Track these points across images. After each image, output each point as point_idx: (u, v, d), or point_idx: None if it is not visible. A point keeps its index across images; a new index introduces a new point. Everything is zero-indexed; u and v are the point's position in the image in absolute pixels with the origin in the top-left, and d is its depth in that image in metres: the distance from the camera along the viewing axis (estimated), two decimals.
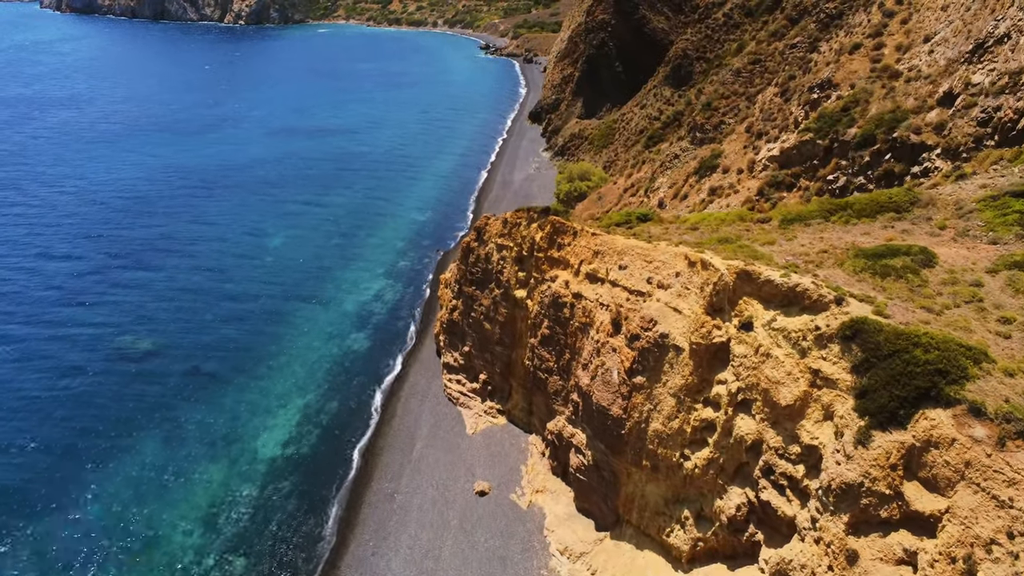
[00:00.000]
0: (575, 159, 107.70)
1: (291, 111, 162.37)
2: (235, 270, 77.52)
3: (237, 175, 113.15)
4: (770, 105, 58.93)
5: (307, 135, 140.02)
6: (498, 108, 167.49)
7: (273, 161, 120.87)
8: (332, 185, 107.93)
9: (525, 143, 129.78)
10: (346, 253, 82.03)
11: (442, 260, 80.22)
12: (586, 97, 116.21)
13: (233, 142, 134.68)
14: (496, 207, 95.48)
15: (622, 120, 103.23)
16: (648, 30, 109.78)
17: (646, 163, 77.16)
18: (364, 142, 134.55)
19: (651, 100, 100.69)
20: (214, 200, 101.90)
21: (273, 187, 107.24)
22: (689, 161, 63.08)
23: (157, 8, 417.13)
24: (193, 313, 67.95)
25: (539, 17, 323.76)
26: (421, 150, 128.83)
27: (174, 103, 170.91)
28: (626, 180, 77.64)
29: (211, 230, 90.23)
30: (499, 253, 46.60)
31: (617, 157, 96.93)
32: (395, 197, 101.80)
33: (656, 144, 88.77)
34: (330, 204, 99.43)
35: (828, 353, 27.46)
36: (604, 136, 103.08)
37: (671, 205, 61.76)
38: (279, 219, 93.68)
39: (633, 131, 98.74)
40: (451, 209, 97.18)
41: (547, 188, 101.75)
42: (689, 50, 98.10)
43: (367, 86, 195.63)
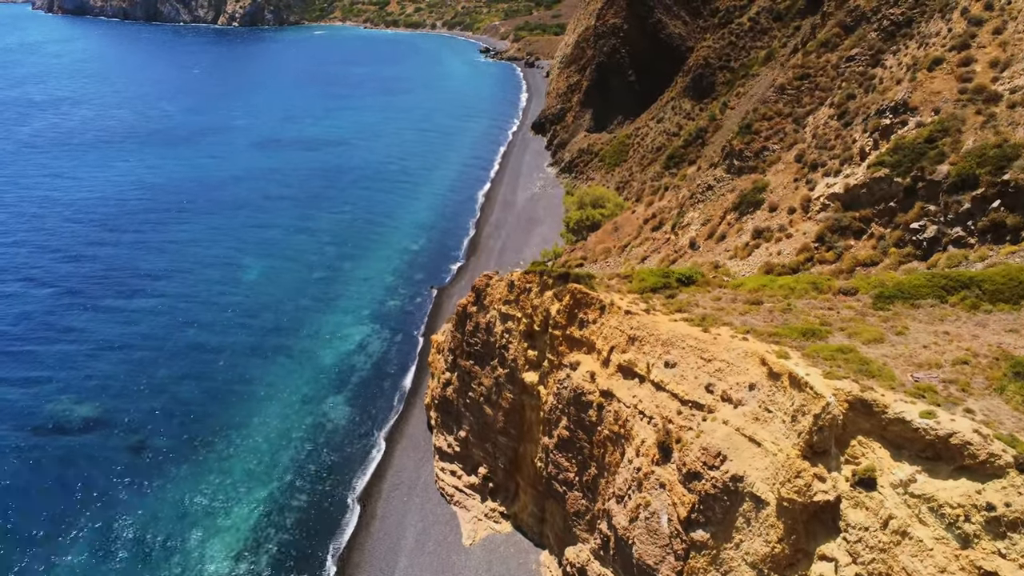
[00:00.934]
0: (584, 177, 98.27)
1: (279, 119, 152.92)
2: (202, 311, 68.02)
3: (215, 194, 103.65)
4: (825, 130, 49.45)
5: (295, 147, 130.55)
6: (499, 117, 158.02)
7: (256, 177, 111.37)
8: (318, 206, 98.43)
9: (528, 157, 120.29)
10: (329, 290, 72.51)
11: (438, 298, 70.76)
12: (595, 108, 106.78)
13: (214, 155, 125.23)
14: (497, 234, 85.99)
15: (636, 135, 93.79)
16: (664, 36, 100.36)
17: (669, 189, 67.66)
18: (356, 155, 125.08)
19: (668, 113, 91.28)
20: (188, 223, 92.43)
21: (254, 208, 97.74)
22: (726, 193, 53.66)
23: (149, 10, 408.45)
24: (147, 367, 58.44)
25: (540, 19, 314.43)
26: (417, 164, 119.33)
27: (157, 110, 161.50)
28: (646, 209, 68.16)
29: (180, 260, 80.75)
30: (503, 324, 37.10)
31: (632, 177, 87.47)
32: (387, 220, 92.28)
33: (678, 165, 79.34)
34: (315, 228, 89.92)
35: (1011, 548, 18.07)
36: (617, 153, 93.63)
37: (705, 246, 52.29)
38: (257, 247, 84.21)
39: (649, 148, 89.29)
40: (448, 235, 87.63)
41: (554, 210, 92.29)
42: (711, 58, 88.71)
43: (361, 92, 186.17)
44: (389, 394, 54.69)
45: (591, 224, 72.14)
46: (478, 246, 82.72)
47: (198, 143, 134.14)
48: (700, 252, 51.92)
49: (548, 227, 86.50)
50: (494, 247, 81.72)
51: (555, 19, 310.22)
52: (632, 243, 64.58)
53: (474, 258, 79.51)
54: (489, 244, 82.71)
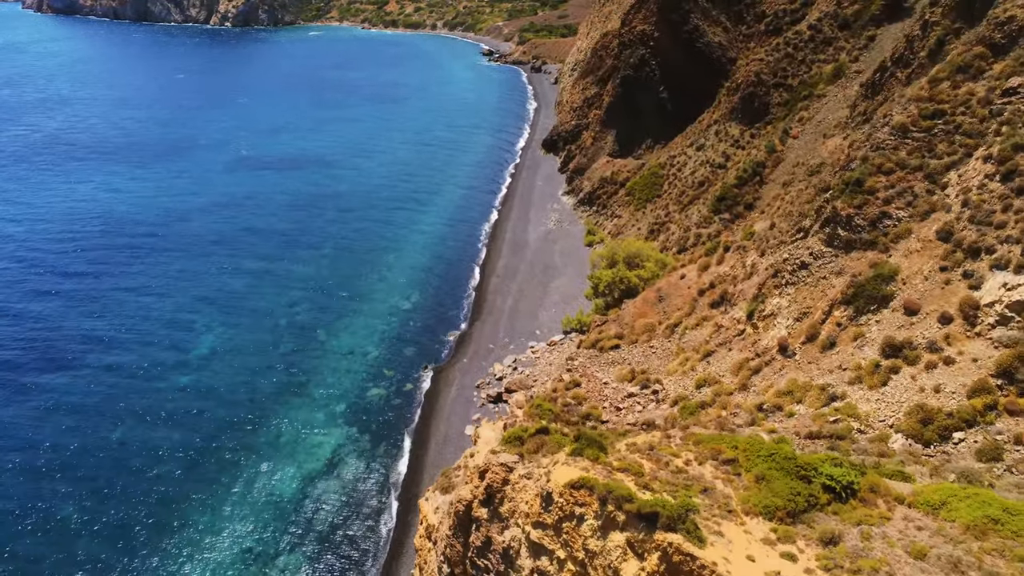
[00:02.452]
0: (608, 213, 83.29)
1: (263, 133, 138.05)
2: (133, 402, 53.29)
3: (180, 227, 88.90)
4: (984, 196, 34.54)
5: (277, 167, 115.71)
6: (505, 130, 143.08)
7: (228, 205, 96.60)
8: (297, 245, 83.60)
9: (540, 181, 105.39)
10: (297, 371, 57.70)
11: (433, 384, 55.88)
12: (620, 129, 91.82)
13: (187, 176, 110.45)
14: (506, 286, 71.06)
15: (671, 165, 78.80)
16: (701, 45, 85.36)
17: (730, 250, 52.64)
18: (344, 178, 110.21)
19: (712, 139, 76.32)
20: (142, 266, 77.78)
21: (221, 247, 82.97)
22: (828, 276, 38.83)
23: (140, 9, 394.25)
24: (41, 498, 43.72)
25: (546, 20, 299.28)
26: (413, 189, 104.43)
27: (132, 121, 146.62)
28: (700, 274, 53.19)
29: (122, 320, 66.10)
30: (533, 558, 22.24)
31: (669, 218, 72.51)
32: (374, 267, 77.39)
33: (731, 209, 64.42)
34: (289, 277, 75.11)
35: None
36: (648, 186, 78.66)
37: (804, 353, 37.39)
38: (217, 302, 69.46)
39: (689, 182, 74.34)
40: (447, 288, 72.71)
41: (574, 254, 77.43)
42: (764, 74, 73.75)
43: (355, 100, 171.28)
44: (361, 564, 39.68)
45: (626, 288, 57.25)
46: (483, 305, 67.87)
47: (171, 160, 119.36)
48: (798, 363, 37.02)
49: (568, 279, 71.63)
50: (502, 307, 66.86)
51: (561, 20, 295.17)
52: (685, 322, 49.65)
53: (478, 323, 64.65)
54: (496, 303, 67.84)
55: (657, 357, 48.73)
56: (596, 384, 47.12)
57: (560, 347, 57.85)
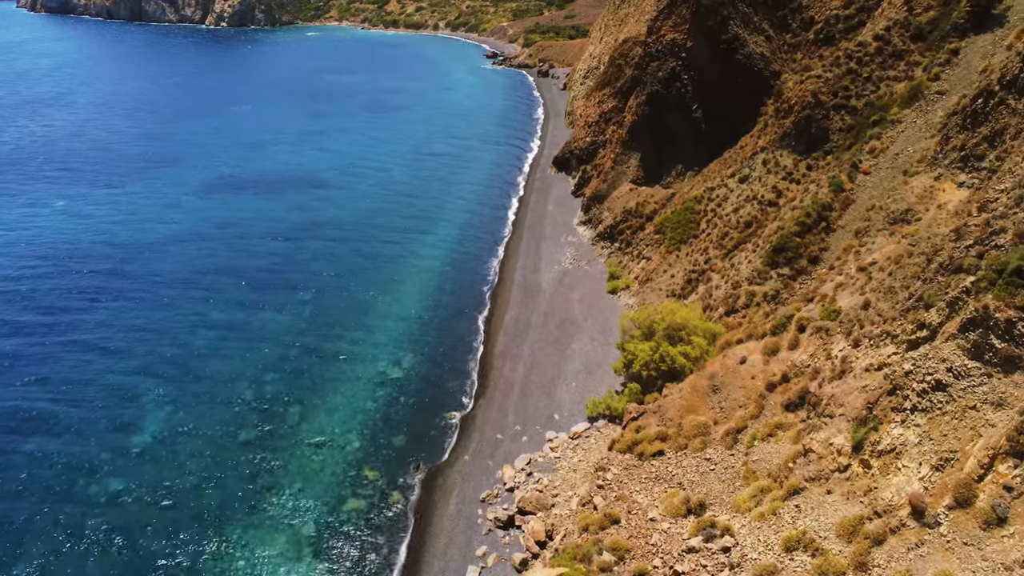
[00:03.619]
0: (633, 252, 71.73)
1: (245, 147, 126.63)
2: (43, 529, 42.00)
3: (137, 265, 77.62)
4: None
5: (259, 188, 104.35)
6: (511, 143, 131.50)
7: (197, 238, 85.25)
8: (272, 288, 72.26)
9: (552, 207, 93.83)
10: (257, 469, 46.30)
11: (426, 492, 44.41)
12: (645, 152, 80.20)
13: (160, 200, 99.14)
14: (516, 348, 59.48)
15: (710, 198, 67.20)
16: (742, 57, 73.71)
17: (808, 330, 41.03)
18: (333, 201, 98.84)
19: (759, 170, 64.75)
20: (99, 316, 66.70)
21: (189, 290, 71.70)
22: (982, 407, 27.47)
23: (134, 9, 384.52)
24: None
25: (552, 20, 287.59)
26: (408, 217, 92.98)
27: (110, 132, 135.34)
28: (767, 359, 41.65)
29: (61, 391, 54.99)
30: None
31: (710, 266, 60.92)
32: (361, 319, 65.94)
33: (792, 263, 52.83)
34: (261, 331, 63.77)
35: None
36: (682, 223, 67.10)
37: (953, 523, 25.90)
38: (176, 364, 58.21)
39: (733, 222, 62.75)
40: (445, 351, 61.09)
41: (595, 303, 65.95)
42: (822, 93, 62.12)
43: (349, 109, 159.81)
44: None
45: (668, 369, 45.75)
46: (489, 374, 56.36)
47: (147, 179, 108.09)
48: (946, 541, 25.56)
49: (590, 338, 60.07)
50: (512, 378, 55.36)
51: (568, 20, 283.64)
52: (752, 428, 38.16)
53: (483, 401, 53.13)
54: (505, 372, 56.33)
55: (717, 477, 37.30)
56: (640, 520, 35.68)
57: (585, 442, 46.40)
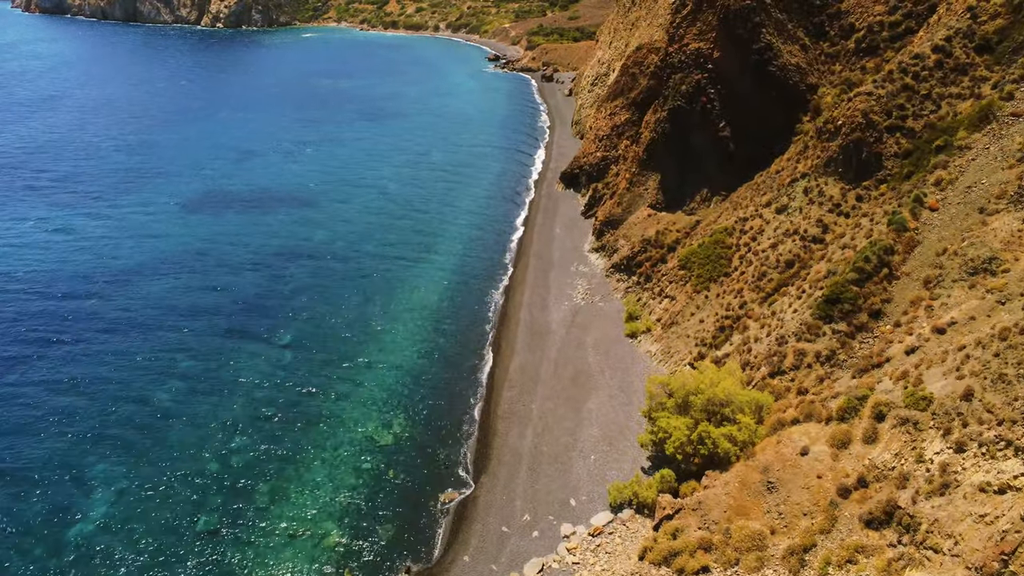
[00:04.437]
0: (654, 290, 63.80)
1: (233, 158, 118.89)
2: None
3: (118, 295, 69.95)
4: None
5: (244, 206, 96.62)
6: (515, 155, 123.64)
7: (178, 263, 77.51)
8: (249, 329, 64.48)
9: (560, 230, 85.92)
10: (214, 570, 38.57)
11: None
12: (666, 174, 72.27)
13: (138, 218, 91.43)
14: (522, 408, 51.58)
15: (742, 231, 59.27)
16: (775, 69, 65.79)
17: (887, 421, 33.26)
18: (321, 222, 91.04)
19: (799, 199, 56.83)
20: (62, 352, 59.31)
21: (158, 331, 64.01)
22: None
23: (128, 9, 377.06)
24: None
25: (556, 22, 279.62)
26: (402, 241, 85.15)
27: (94, 140, 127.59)
28: (835, 453, 33.85)
29: (8, 455, 47.29)
30: None
31: (747, 312, 52.99)
32: (346, 368, 58.10)
33: (849, 314, 44.88)
34: (233, 383, 55.96)
35: None
36: (711, 259, 59.19)
37: None
38: (134, 426, 50.52)
39: (772, 260, 54.80)
40: (441, 411, 53.12)
41: (615, 353, 58.05)
42: (874, 113, 54.22)
43: (344, 116, 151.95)
44: None
45: (709, 455, 37.93)
46: (492, 444, 48.48)
47: (122, 194, 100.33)
48: None
49: (608, 394, 52.18)
50: (519, 447, 47.50)
51: (572, 22, 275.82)
52: (823, 548, 30.39)
53: (486, 477, 45.29)
54: (510, 438, 48.46)
55: None
56: None
57: (609, 541, 38.55)
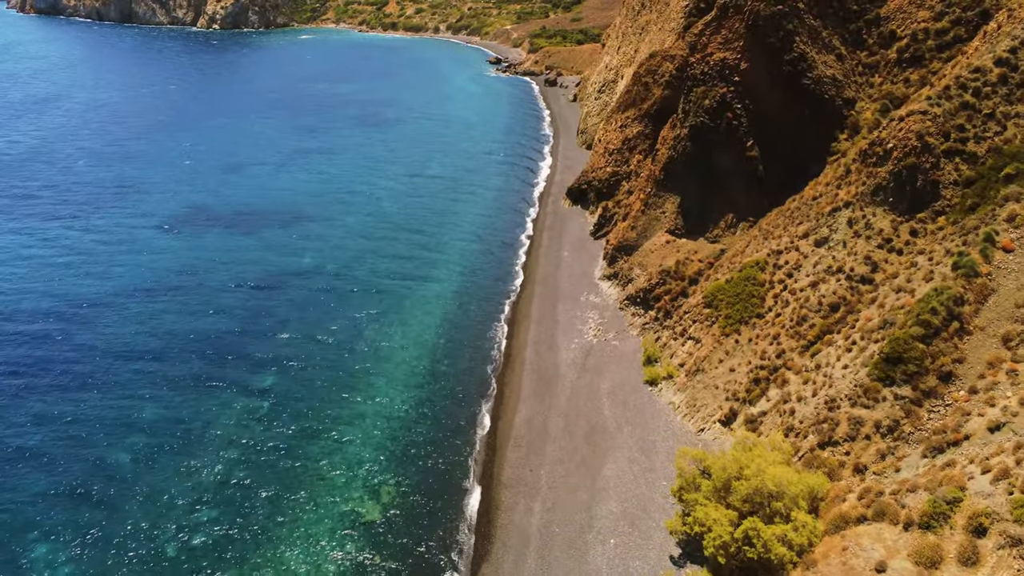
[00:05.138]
0: (676, 329, 56.93)
1: (221, 169, 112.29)
2: None
3: (59, 336, 63.29)
4: None
5: (226, 224, 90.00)
6: (518, 166, 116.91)
7: (151, 292, 70.90)
8: (217, 377, 57.78)
9: (568, 253, 79.17)
10: None
11: None
12: (686, 195, 65.46)
13: (112, 239, 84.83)
14: (531, 473, 44.76)
15: (776, 265, 52.49)
16: (810, 80, 59.01)
17: (993, 536, 26.59)
18: (309, 244, 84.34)
19: (842, 231, 50.03)
20: (7, 402, 52.65)
21: (109, 380, 57.35)
22: None
23: (124, 10, 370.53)
24: None
25: (559, 24, 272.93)
26: (397, 264, 78.45)
27: (75, 150, 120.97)
28: (923, 570, 27.25)
29: None
30: None
31: (786, 363, 46.20)
32: (328, 426, 51.30)
33: (914, 377, 38.05)
34: (200, 443, 49.25)
35: None
36: (741, 298, 52.39)
37: None
38: (69, 517, 43.77)
39: (813, 302, 48.00)
40: (434, 481, 46.14)
41: (634, 403, 51.29)
42: (929, 136, 47.47)
43: (339, 123, 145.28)
44: None
45: (759, 559, 31.22)
46: (495, 521, 41.68)
47: (100, 210, 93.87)
48: None
49: (628, 460, 45.33)
50: (526, 527, 40.74)
51: (575, 23, 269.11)
52: None
53: (487, 568, 38.58)
54: (516, 515, 41.68)
55: None
56: None
57: None
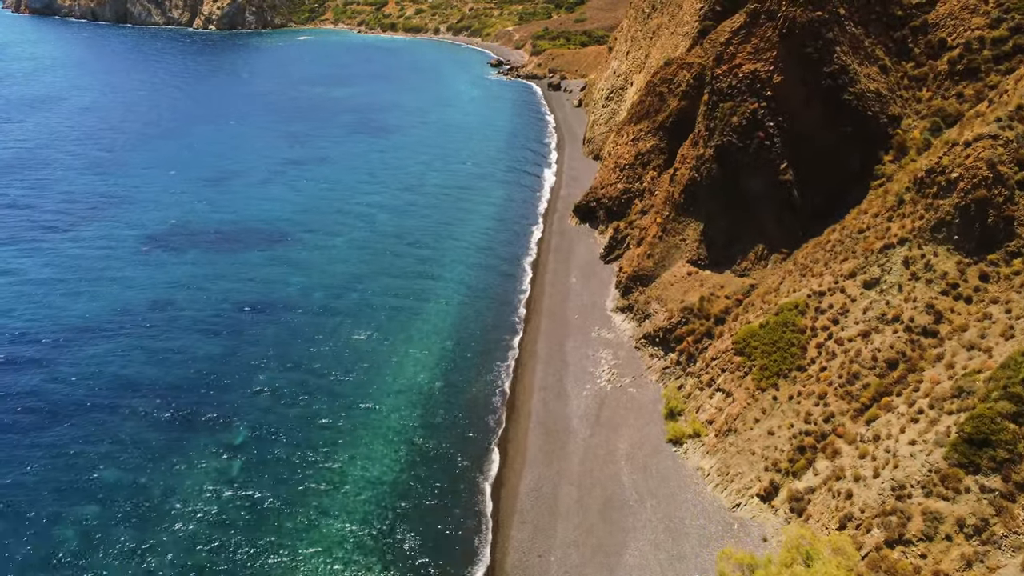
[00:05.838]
0: (700, 377, 50.31)
1: (206, 182, 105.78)
2: None
3: (32, 374, 56.84)
4: None
5: (207, 244, 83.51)
6: (522, 177, 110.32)
7: (105, 329, 64.35)
8: (181, 433, 51.21)
9: (576, 279, 72.57)
10: None
11: None
12: (710, 222, 58.76)
13: (73, 263, 78.32)
14: (539, 561, 38.12)
15: (819, 309, 45.87)
16: (852, 95, 52.36)
17: None
18: (295, 266, 77.79)
19: (896, 272, 43.42)
20: None
21: (52, 442, 50.89)
22: None
23: (119, 11, 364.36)
24: None
25: (562, 24, 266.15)
26: (389, 293, 71.92)
27: (53, 157, 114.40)
28: None
29: None
30: None
31: (836, 430, 39.55)
32: (303, 494, 44.73)
33: (1007, 465, 31.42)
34: (145, 534, 42.64)
35: None
36: (779, 346, 45.77)
37: None
38: None
39: (867, 357, 41.36)
40: (428, 564, 39.93)
41: (655, 470, 44.69)
42: (1002, 164, 40.88)
43: (333, 131, 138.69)
44: None
45: None
46: None
47: (74, 229, 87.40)
48: None
49: (652, 545, 38.67)
50: None
51: (579, 24, 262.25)
52: None
53: None
54: None
55: None
56: None
57: None
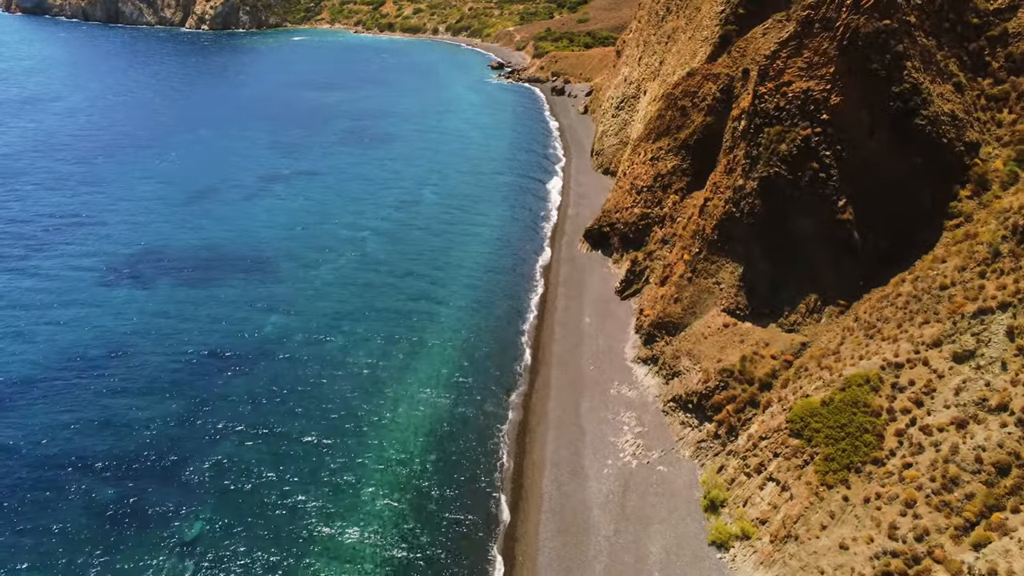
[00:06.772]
0: (747, 461, 42.04)
1: (185, 199, 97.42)
2: None
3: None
4: None
5: (179, 275, 75.24)
6: (525, 196, 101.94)
7: (51, 387, 56.13)
8: (129, 523, 43.12)
9: (590, 318, 64.21)
10: None
11: None
12: (750, 264, 50.40)
13: (26, 303, 70.14)
14: None
15: (897, 385, 37.61)
16: (925, 119, 44.07)
17: None
18: (276, 301, 69.53)
19: (998, 344, 35.09)
20: None
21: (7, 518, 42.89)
22: None
23: (110, 10, 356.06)
24: None
25: (564, 25, 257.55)
26: (375, 337, 63.67)
27: (27, 168, 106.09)
28: None
29: None
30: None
31: (932, 549, 31.31)
32: None
33: None
34: None
35: None
36: (845, 430, 37.47)
37: None
38: None
39: (967, 457, 33.14)
40: None
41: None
42: None
43: (325, 140, 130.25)
44: None
45: None
46: None
47: (36, 258, 79.13)
48: None
49: None
50: None
51: (582, 25, 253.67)
52: None
53: None
54: None
55: None
56: None
57: None
